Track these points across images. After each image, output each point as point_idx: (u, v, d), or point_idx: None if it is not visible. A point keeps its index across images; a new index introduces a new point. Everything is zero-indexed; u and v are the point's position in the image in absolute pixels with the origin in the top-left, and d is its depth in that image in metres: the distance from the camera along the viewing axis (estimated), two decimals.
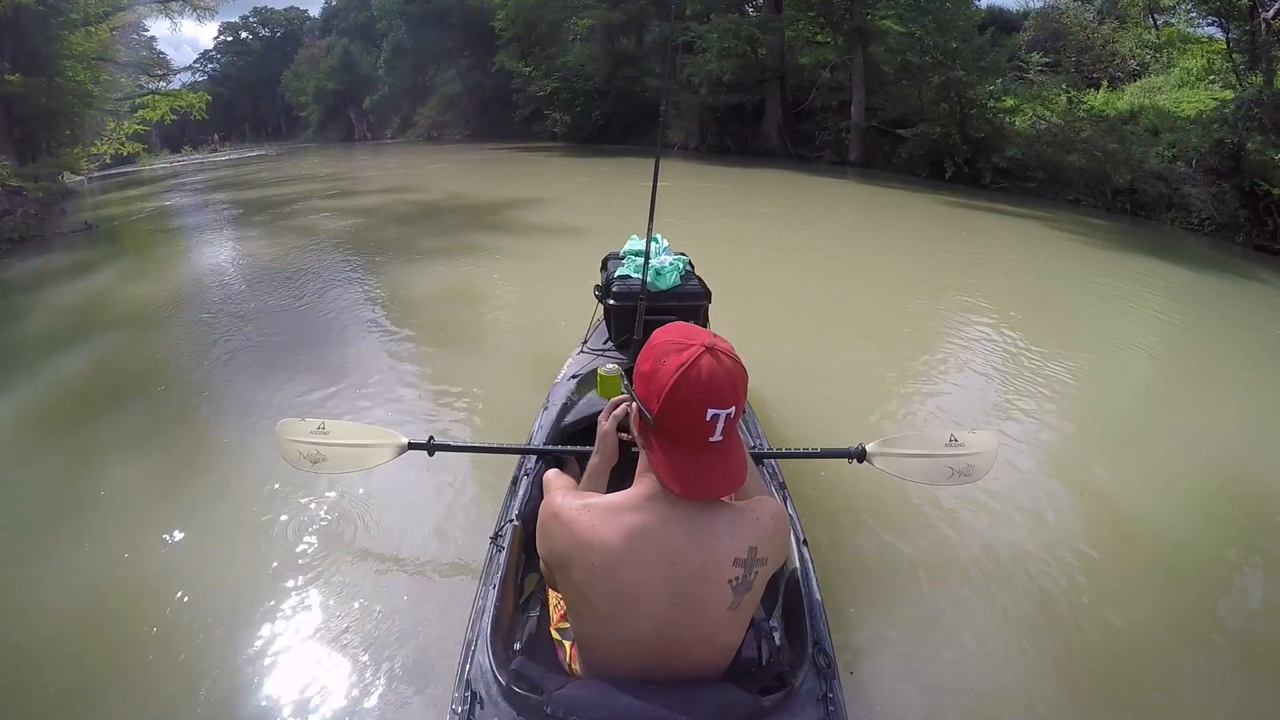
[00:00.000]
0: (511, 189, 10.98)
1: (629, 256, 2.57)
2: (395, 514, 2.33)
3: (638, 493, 0.99)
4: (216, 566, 2.13)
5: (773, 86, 14.98)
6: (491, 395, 3.30)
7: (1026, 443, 2.91)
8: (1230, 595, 2.09)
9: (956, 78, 10.59)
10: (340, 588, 2.01)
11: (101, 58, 14.14)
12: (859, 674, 1.70)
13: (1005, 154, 10.10)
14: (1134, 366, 3.96)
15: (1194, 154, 8.75)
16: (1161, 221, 8.43)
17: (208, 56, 44.54)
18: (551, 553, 1.03)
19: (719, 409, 0.93)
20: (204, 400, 3.42)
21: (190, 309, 5.04)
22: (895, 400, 3.35)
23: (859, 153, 13.54)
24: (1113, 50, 13.67)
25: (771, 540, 1.00)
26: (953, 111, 10.94)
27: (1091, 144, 9.36)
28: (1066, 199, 9.55)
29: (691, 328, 0.99)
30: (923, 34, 11.10)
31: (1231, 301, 5.63)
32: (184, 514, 2.43)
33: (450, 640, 1.73)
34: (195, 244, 8.08)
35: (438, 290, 5.20)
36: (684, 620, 0.97)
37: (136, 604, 2.00)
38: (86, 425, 3.21)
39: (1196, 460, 2.85)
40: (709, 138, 16.69)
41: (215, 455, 2.85)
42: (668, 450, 0.96)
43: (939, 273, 5.95)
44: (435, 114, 30.45)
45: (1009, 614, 1.95)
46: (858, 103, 13.43)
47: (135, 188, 15.44)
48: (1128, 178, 8.86)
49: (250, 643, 1.83)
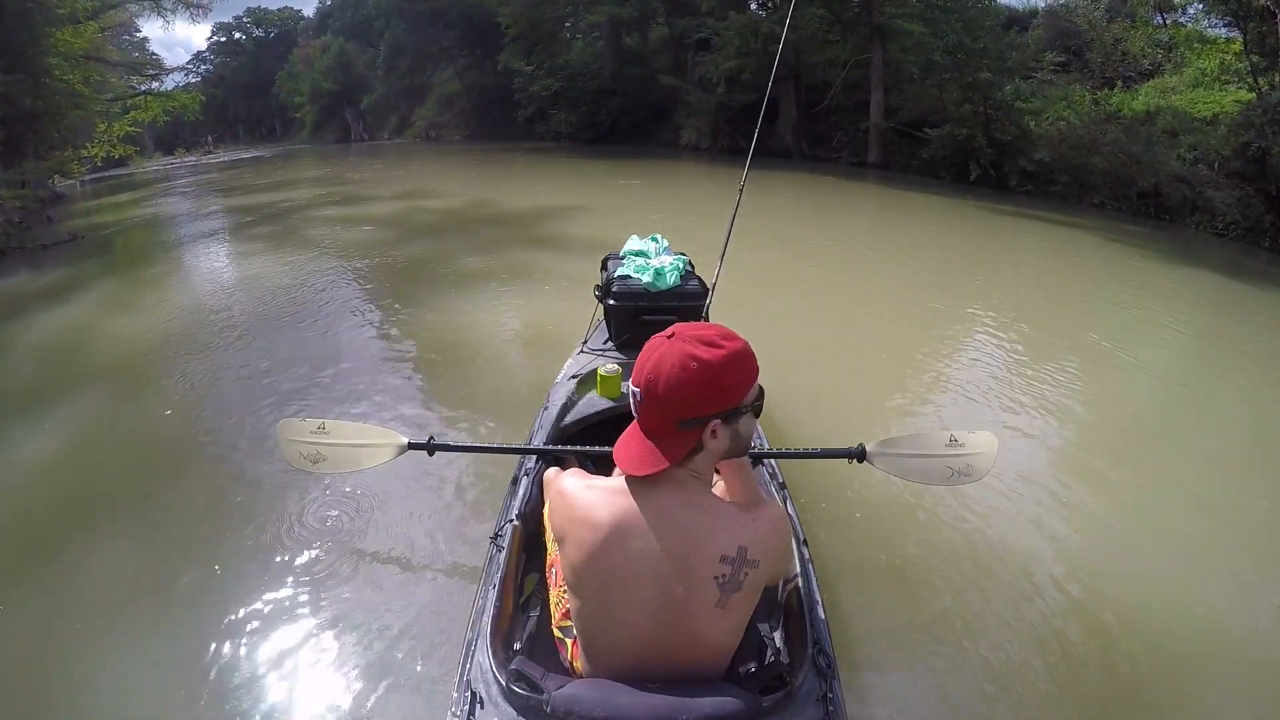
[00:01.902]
0: (541, 195, 10.61)
1: (629, 256, 2.61)
2: (395, 514, 2.37)
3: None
4: (216, 566, 2.17)
5: (787, 86, 14.74)
6: (491, 395, 3.35)
7: (1032, 445, 2.94)
8: (1237, 604, 2.09)
9: (983, 79, 10.56)
10: (340, 588, 2.05)
11: (91, 57, 13.80)
12: (859, 674, 1.73)
13: (1033, 157, 10.05)
14: (1151, 374, 3.97)
15: (1216, 157, 8.71)
16: (1185, 225, 8.41)
17: (201, 57, 44.94)
18: (555, 528, 1.10)
19: (635, 385, 1.02)
20: (199, 414, 3.40)
21: (184, 350, 4.21)
22: (902, 401, 3.40)
23: (878, 154, 13.47)
24: (1123, 49, 13.65)
25: (765, 544, 1.01)
26: (977, 113, 10.89)
27: (1117, 146, 9.36)
28: (1091, 202, 9.54)
29: (717, 328, 1.04)
30: (948, 32, 11.05)
31: (1257, 308, 5.60)
32: (185, 513, 2.48)
33: (450, 640, 1.78)
34: (190, 261, 7.41)
35: (487, 318, 4.70)
36: (672, 613, 1.00)
37: (136, 603, 2.05)
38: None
39: (1210, 468, 2.85)
40: (721, 138, 16.57)
41: (215, 456, 2.89)
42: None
43: (959, 277, 5.93)
44: (433, 114, 30.51)
45: (1009, 614, 1.98)
46: (876, 102, 13.35)
47: (128, 192, 15.45)
48: (1152, 181, 8.85)
49: (250, 642, 1.86)
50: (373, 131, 34.35)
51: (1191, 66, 11.66)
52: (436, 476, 2.54)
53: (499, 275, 5.73)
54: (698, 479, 1.05)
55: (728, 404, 1.00)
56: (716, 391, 0.99)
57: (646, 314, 2.40)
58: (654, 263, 2.48)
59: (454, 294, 5.28)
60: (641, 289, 2.45)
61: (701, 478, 1.05)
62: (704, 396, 0.99)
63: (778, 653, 1.31)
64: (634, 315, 2.41)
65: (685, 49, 18.62)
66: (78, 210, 12.73)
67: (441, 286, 5.50)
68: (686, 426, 1.00)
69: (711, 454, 1.03)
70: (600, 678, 1.07)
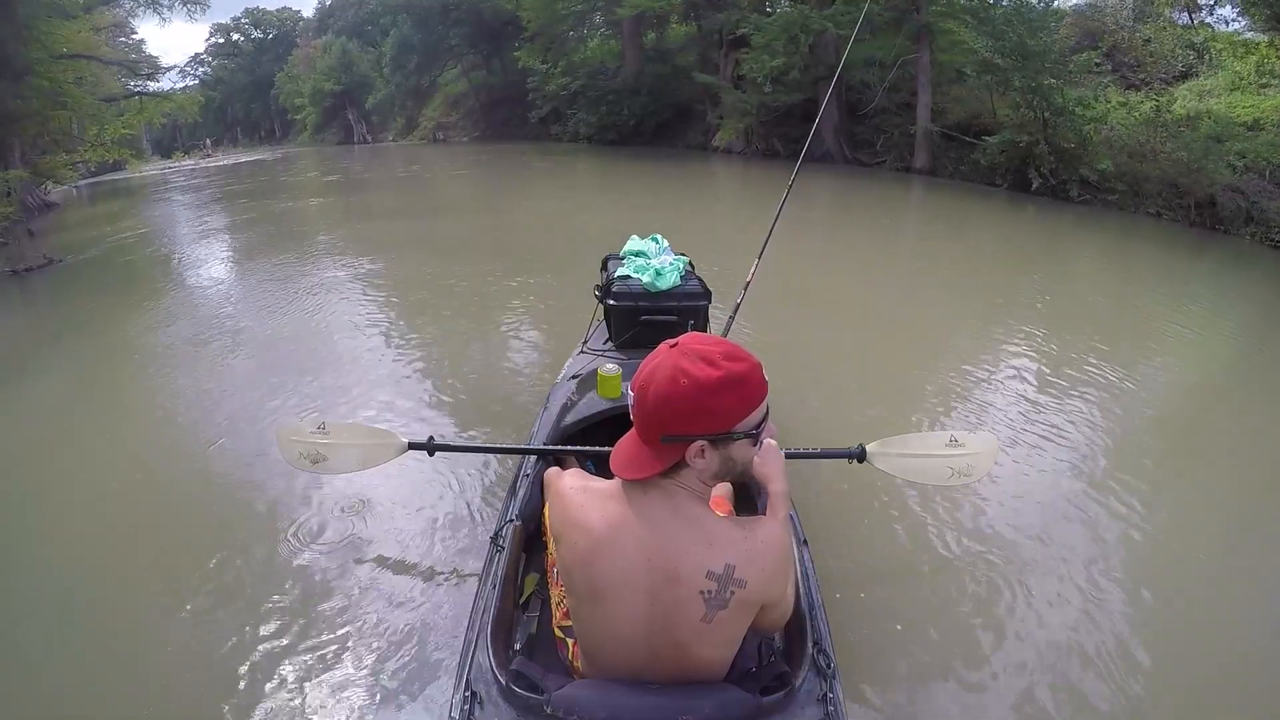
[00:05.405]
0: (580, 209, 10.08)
1: (629, 256, 2.71)
2: (395, 514, 2.46)
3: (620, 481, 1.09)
4: (215, 566, 2.24)
5: (827, 86, 13.76)
6: (491, 395, 3.45)
7: (1039, 448, 2.96)
8: (1242, 618, 2.06)
9: (1044, 83, 10.33)
10: (340, 588, 2.12)
11: (81, 55, 12.90)
12: (859, 674, 1.77)
13: (1096, 166, 9.83)
14: (1186, 386, 3.93)
15: (1267, 165, 8.55)
16: (1240, 236, 8.23)
17: (198, 60, 45.08)
18: (552, 527, 1.15)
19: (631, 389, 1.03)
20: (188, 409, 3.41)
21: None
22: (924, 405, 3.42)
23: (925, 159, 13.17)
24: (1152, 50, 13.44)
25: (754, 564, 1.01)
26: (1037, 118, 10.63)
27: (1174, 154, 9.25)
28: (1147, 212, 9.41)
29: (724, 345, 1.03)
30: (1008, 33, 10.76)
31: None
32: (185, 513, 2.58)
33: (450, 640, 1.84)
34: (178, 295, 6.12)
35: (488, 318, 4.79)
36: (661, 623, 1.02)
37: (134, 603, 2.12)
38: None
39: (1236, 488, 2.80)
40: (756, 141, 16.09)
41: (213, 456, 2.99)
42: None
43: (1009, 287, 5.83)
44: (440, 115, 29.91)
45: (1010, 614, 2.01)
46: (924, 105, 13.03)
47: (123, 198, 15.60)
48: (1208, 191, 8.70)
49: (249, 642, 1.92)
50: (377, 133, 34.38)
51: (1227, 69, 11.48)
52: (437, 476, 2.63)
53: (501, 275, 5.85)
54: (686, 490, 1.04)
55: (716, 428, 0.98)
56: (702, 412, 0.98)
57: (646, 314, 2.48)
58: (654, 263, 2.57)
59: (454, 293, 5.43)
60: (641, 289, 2.53)
61: (690, 490, 1.04)
62: (688, 415, 0.98)
63: (777, 653, 1.36)
64: (634, 315, 2.50)
65: (714, 45, 17.58)
66: (67, 221, 12.26)
67: (442, 287, 5.63)
68: (669, 441, 1.00)
69: (699, 473, 1.03)
70: (600, 678, 1.11)
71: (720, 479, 1.05)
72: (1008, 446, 2.91)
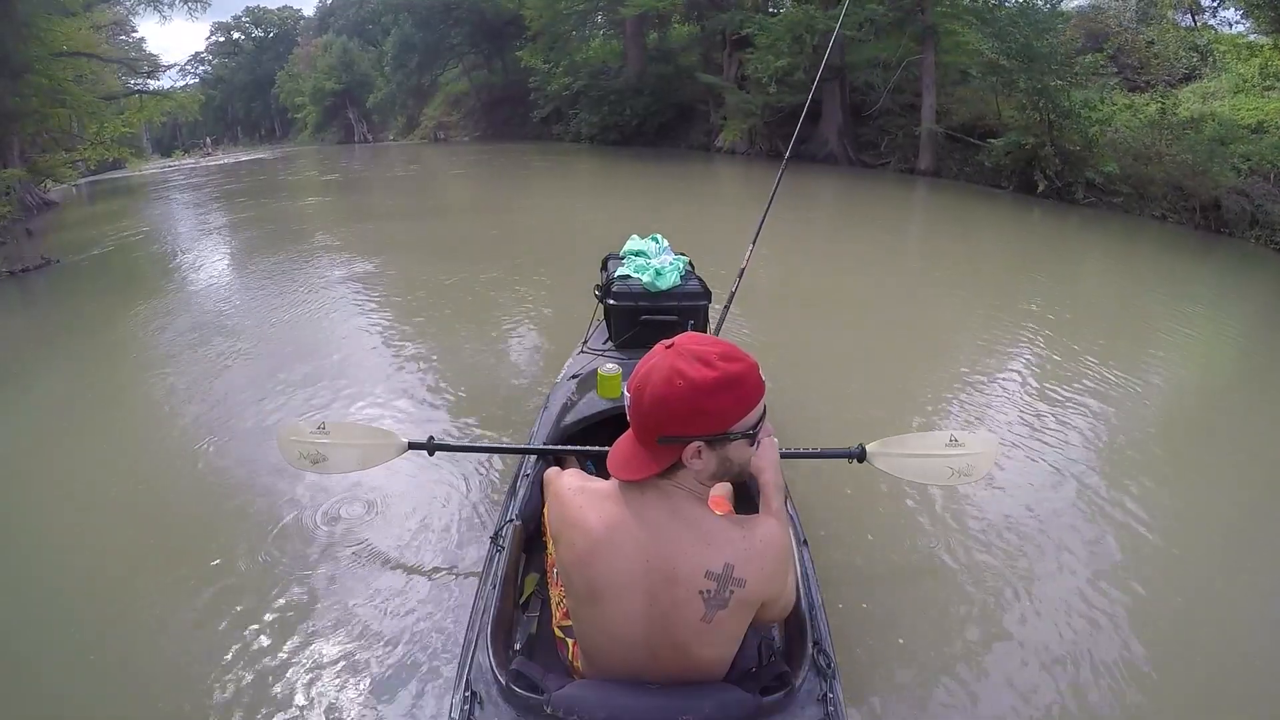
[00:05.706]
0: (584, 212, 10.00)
1: (629, 256, 2.72)
2: (395, 514, 2.47)
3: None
4: (215, 567, 2.24)
5: (832, 87, 13.85)
6: (492, 395, 3.47)
7: (1040, 449, 2.95)
8: (1242, 619, 2.05)
9: (1050, 85, 10.34)
10: (339, 588, 2.13)
11: (80, 52, 12.91)
12: (859, 674, 1.77)
13: (1102, 169, 9.84)
14: (1189, 388, 3.94)
15: (1271, 168, 8.56)
16: (1245, 239, 8.26)
17: (198, 58, 45.32)
18: (551, 527, 1.16)
19: (628, 390, 1.04)
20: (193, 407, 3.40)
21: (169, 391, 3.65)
22: (925, 406, 3.43)
23: (929, 160, 13.18)
24: (1156, 52, 13.57)
25: (753, 564, 1.01)
26: (1042, 120, 10.64)
27: (1178, 157, 9.27)
28: (1152, 215, 9.45)
29: (721, 346, 1.03)
30: (1014, 34, 10.78)
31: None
32: (182, 514, 2.59)
33: (450, 640, 1.84)
34: (177, 296, 6.06)
35: (488, 318, 4.79)
36: (660, 624, 1.03)
37: (134, 603, 2.13)
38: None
39: (1237, 490, 2.79)
40: (760, 141, 16.16)
41: (213, 456, 3.00)
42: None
43: (1012, 289, 5.82)
44: (441, 114, 29.95)
45: (1010, 614, 2.02)
46: (928, 106, 13.03)
47: (122, 197, 15.63)
48: (1213, 193, 8.73)
49: (249, 642, 1.93)
50: (377, 132, 34.50)
51: (1231, 72, 11.54)
52: (437, 476, 2.63)
53: (501, 275, 5.89)
54: (684, 491, 1.04)
55: (712, 428, 0.98)
56: (698, 414, 0.97)
57: (646, 314, 2.49)
58: (654, 263, 2.58)
59: (454, 293, 5.44)
60: (641, 289, 2.54)
61: (688, 490, 1.05)
62: (685, 416, 0.97)
63: (777, 653, 1.35)
64: (634, 315, 2.50)
65: (717, 45, 17.58)
66: (66, 220, 12.23)
67: (442, 286, 5.65)
68: (665, 442, 1.00)
69: (696, 474, 1.03)
70: (600, 678, 1.12)
71: (718, 479, 1.05)
72: (1009, 447, 2.92)
